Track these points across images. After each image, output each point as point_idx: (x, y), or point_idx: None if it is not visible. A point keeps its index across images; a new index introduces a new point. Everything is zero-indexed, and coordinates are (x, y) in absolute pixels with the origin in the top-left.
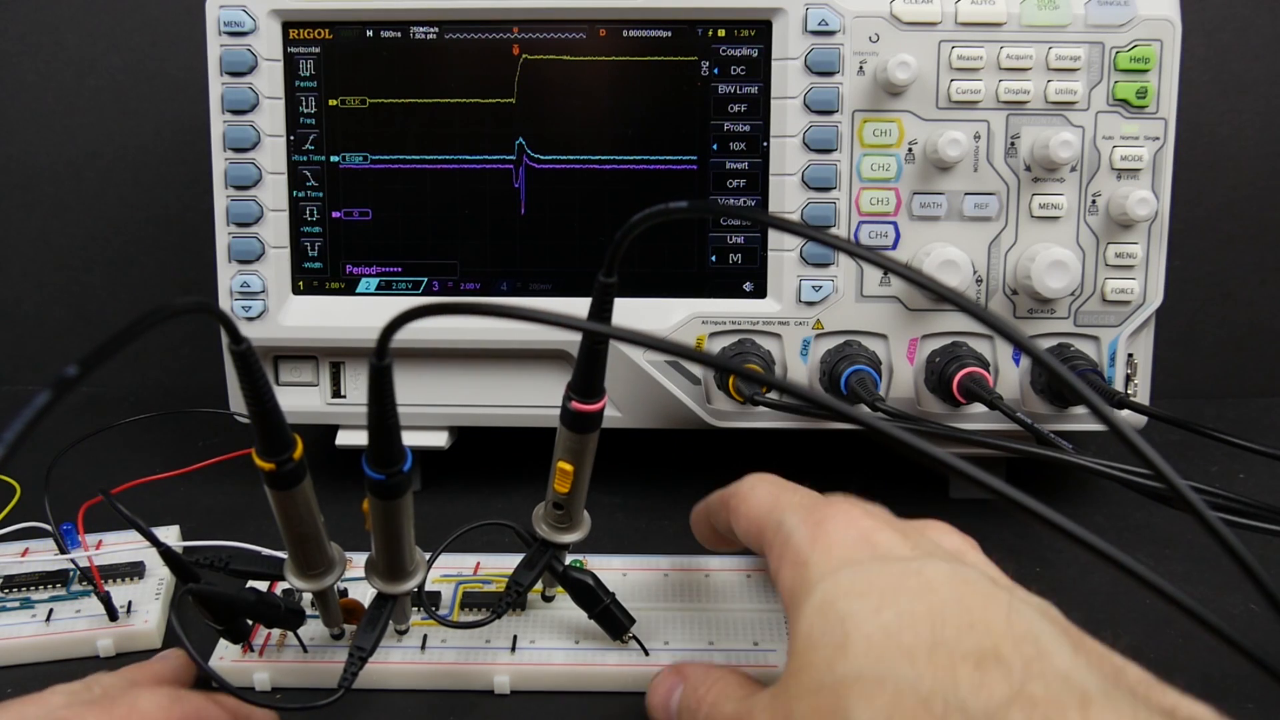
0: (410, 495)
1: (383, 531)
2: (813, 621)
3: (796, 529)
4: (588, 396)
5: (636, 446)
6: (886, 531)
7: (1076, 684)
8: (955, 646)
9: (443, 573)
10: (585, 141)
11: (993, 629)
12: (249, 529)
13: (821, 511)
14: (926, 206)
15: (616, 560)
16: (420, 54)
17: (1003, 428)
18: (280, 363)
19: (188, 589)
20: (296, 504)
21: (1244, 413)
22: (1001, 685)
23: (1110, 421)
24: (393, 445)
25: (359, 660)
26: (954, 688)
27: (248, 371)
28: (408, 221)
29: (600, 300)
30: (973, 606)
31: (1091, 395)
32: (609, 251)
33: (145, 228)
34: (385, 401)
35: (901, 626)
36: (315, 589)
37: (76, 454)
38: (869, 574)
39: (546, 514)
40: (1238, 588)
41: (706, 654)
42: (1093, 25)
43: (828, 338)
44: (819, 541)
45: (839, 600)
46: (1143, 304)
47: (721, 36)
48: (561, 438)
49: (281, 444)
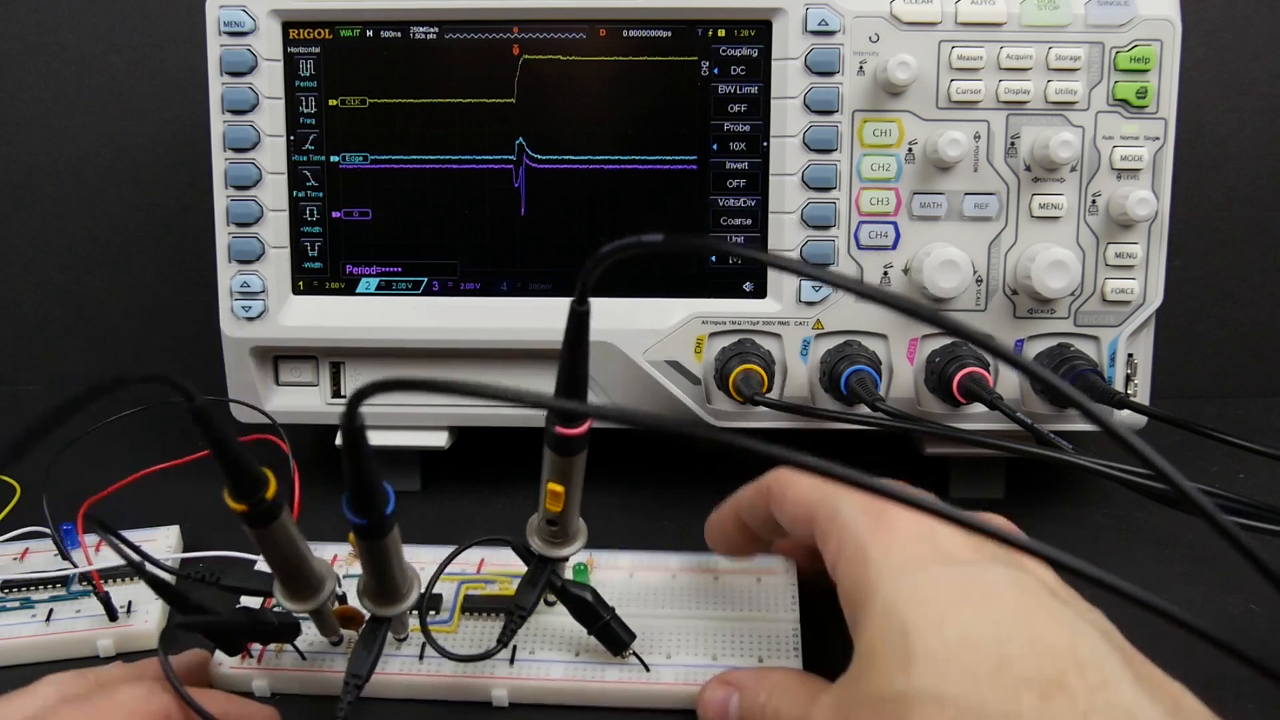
0: (396, 531)
1: (370, 565)
2: (876, 629)
3: (855, 519)
4: (570, 421)
5: (636, 446)
6: (947, 530)
7: (1139, 718)
8: (1019, 670)
9: (445, 571)
10: (585, 141)
11: (1057, 652)
12: None
13: (881, 503)
14: (926, 206)
15: (624, 559)
16: (420, 54)
17: (1003, 428)
18: (280, 363)
19: (177, 623)
20: (276, 538)
21: (1244, 413)
22: (1065, 716)
23: (1102, 423)
24: (373, 495)
25: (355, 689)
26: (1018, 715)
27: (206, 427)
28: (408, 221)
29: (575, 328)
30: (1035, 623)
31: (1084, 400)
32: (579, 282)
33: (145, 228)
34: (361, 459)
35: (964, 643)
36: (308, 609)
37: (76, 450)
38: (932, 580)
39: (541, 529)
40: (1237, 587)
41: (709, 669)
42: (1093, 25)
43: (828, 338)
44: (879, 536)
45: (902, 609)
46: (1143, 304)
47: (721, 36)
48: (549, 460)
49: (252, 486)
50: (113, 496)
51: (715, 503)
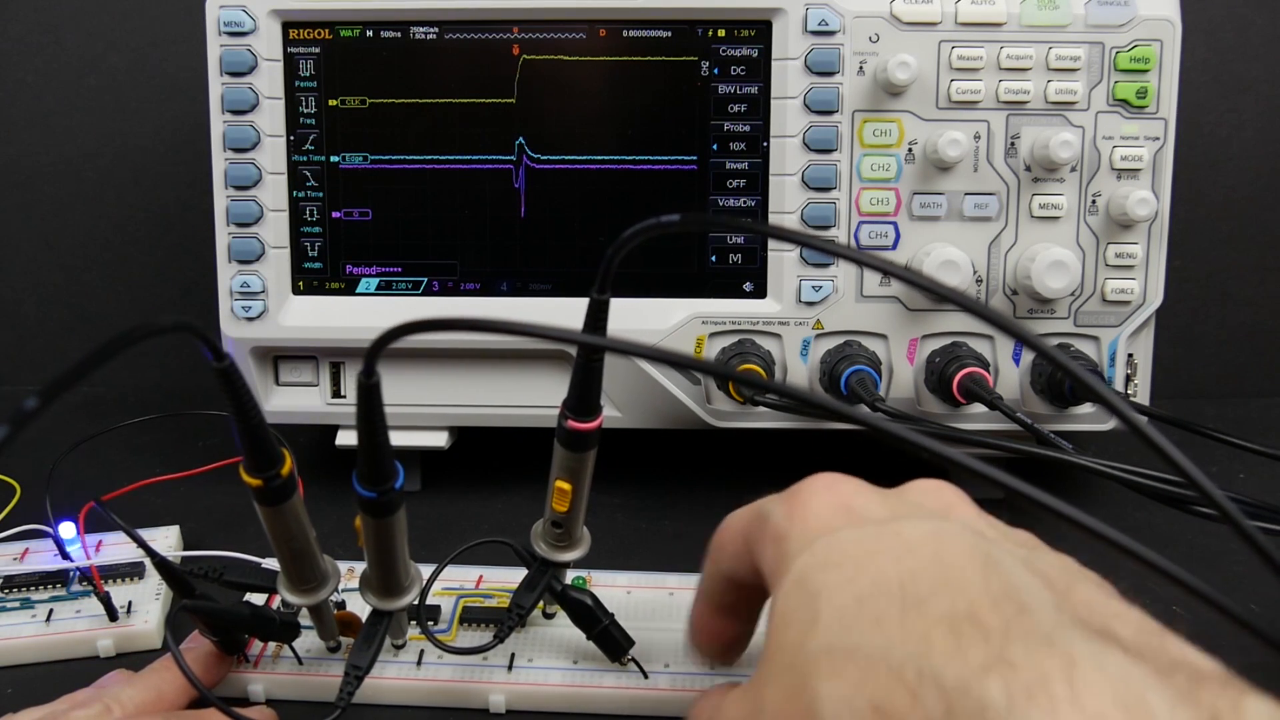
0: (403, 512)
1: (375, 549)
2: (787, 599)
3: (774, 510)
4: (584, 415)
5: (636, 446)
6: (865, 495)
7: (1061, 645)
8: (928, 609)
9: (444, 585)
10: (585, 141)
11: (968, 588)
12: (249, 530)
13: (797, 487)
14: (926, 206)
15: (622, 577)
16: (420, 54)
17: (1003, 428)
18: (280, 363)
19: (182, 605)
20: (286, 519)
21: (1244, 413)
22: (978, 650)
23: (1127, 418)
24: (383, 463)
25: (355, 679)
26: (927, 655)
27: (231, 388)
28: (408, 222)
29: (594, 317)
30: (950, 564)
31: (1108, 393)
32: (601, 269)
33: (145, 228)
34: (374, 419)
35: (874, 594)
36: (308, 603)
37: (76, 454)
38: (844, 541)
39: (545, 532)
40: (1237, 587)
41: (708, 678)
42: (1093, 25)
43: (828, 338)
44: (795, 514)
45: (813, 574)
46: (1143, 304)
47: (721, 36)
48: (558, 456)
49: (269, 459)
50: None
51: (714, 503)
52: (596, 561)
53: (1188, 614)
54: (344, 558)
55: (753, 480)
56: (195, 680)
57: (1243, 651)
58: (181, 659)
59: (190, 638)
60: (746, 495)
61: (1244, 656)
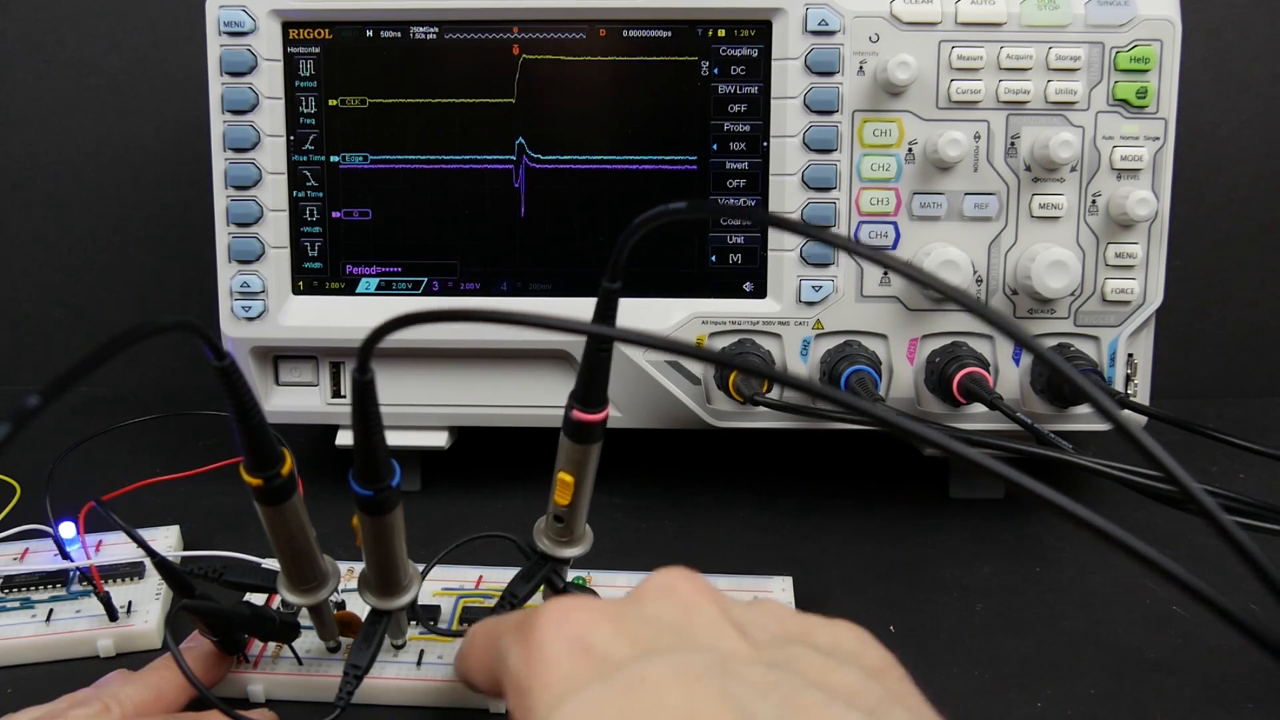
0: (400, 510)
1: (373, 548)
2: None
3: (511, 651)
4: (590, 405)
5: (636, 446)
6: (600, 625)
7: None
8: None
9: (444, 585)
10: (585, 141)
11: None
12: (249, 530)
13: (530, 623)
14: (926, 206)
15: (622, 577)
16: (420, 54)
17: (1003, 428)
18: (280, 363)
19: (182, 605)
20: (286, 519)
21: (1244, 413)
22: None
23: (1115, 419)
24: (379, 461)
25: (355, 679)
26: None
27: (231, 388)
28: (408, 221)
29: (604, 306)
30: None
31: (1096, 393)
32: (613, 256)
33: (145, 228)
34: (369, 416)
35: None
36: (308, 603)
37: (76, 454)
38: (590, 703)
39: (548, 526)
40: (1237, 587)
41: None
42: (1093, 25)
43: (828, 338)
44: (532, 663)
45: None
46: (1143, 304)
47: (721, 36)
48: (563, 448)
49: (269, 459)
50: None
51: (714, 503)
52: (596, 561)
53: (1187, 614)
54: (344, 558)
55: (753, 480)
56: (195, 680)
57: (1243, 651)
58: (181, 659)
59: (190, 638)
60: (747, 495)
61: (1244, 656)
